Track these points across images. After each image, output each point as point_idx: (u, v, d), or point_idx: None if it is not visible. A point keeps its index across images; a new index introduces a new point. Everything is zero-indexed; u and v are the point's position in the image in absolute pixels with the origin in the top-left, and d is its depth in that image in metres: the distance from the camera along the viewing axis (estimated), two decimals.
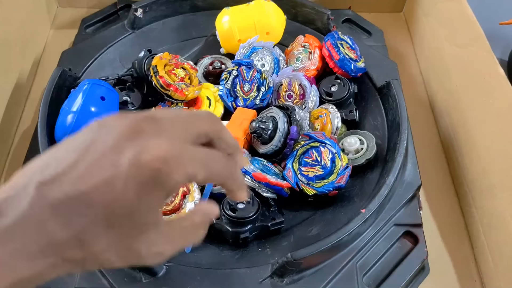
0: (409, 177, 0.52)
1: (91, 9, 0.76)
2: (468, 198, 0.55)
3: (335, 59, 0.58)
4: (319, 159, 0.50)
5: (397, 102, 0.55)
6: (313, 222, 0.50)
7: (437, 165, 0.61)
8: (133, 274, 0.43)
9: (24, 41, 0.68)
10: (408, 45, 0.75)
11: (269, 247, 0.47)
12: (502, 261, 0.47)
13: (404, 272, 0.46)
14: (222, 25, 0.62)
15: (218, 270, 0.44)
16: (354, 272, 0.45)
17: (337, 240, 0.44)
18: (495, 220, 0.49)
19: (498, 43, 0.66)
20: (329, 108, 0.55)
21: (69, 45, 0.69)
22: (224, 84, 0.57)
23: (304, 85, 0.57)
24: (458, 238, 0.54)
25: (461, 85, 0.59)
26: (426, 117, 0.66)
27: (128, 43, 0.66)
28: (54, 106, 0.53)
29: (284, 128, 0.51)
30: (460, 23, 0.62)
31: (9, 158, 0.60)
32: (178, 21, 0.69)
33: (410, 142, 0.54)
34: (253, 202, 0.47)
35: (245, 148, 0.53)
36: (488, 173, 0.51)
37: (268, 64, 0.61)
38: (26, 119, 0.64)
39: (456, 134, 0.59)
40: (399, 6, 0.80)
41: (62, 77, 0.56)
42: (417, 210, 0.50)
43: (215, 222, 0.47)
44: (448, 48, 0.64)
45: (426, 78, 0.70)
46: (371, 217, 0.47)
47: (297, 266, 0.43)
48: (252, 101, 0.57)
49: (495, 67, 0.53)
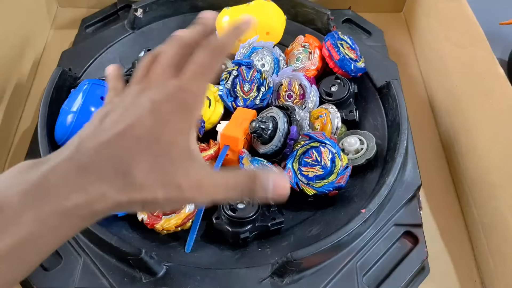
0: (409, 177, 0.52)
1: (91, 9, 0.76)
2: (468, 198, 0.55)
3: (335, 59, 0.58)
4: (319, 159, 0.50)
5: (397, 102, 0.55)
6: (313, 222, 0.50)
7: (437, 165, 0.61)
8: (133, 274, 0.43)
9: (24, 41, 0.68)
10: (408, 45, 0.75)
11: (269, 247, 0.47)
12: (502, 261, 0.47)
13: (404, 272, 0.46)
14: (222, 25, 0.62)
15: (218, 270, 0.44)
16: (354, 272, 0.45)
17: (337, 240, 0.44)
18: (495, 220, 0.49)
19: (498, 43, 0.66)
20: (329, 108, 0.55)
21: (69, 45, 0.69)
22: (224, 84, 0.57)
23: (304, 85, 0.57)
24: (458, 238, 0.54)
25: (461, 85, 0.59)
26: (426, 117, 0.66)
27: (128, 43, 0.66)
28: (54, 106, 0.53)
29: (284, 128, 0.51)
30: (460, 23, 0.62)
31: (9, 158, 0.60)
32: (178, 21, 0.69)
33: (410, 142, 0.54)
34: (253, 202, 0.47)
35: (245, 148, 0.53)
36: (488, 173, 0.51)
37: (268, 64, 0.61)
38: (26, 119, 0.64)
39: (456, 134, 0.59)
40: (399, 6, 0.80)
41: (62, 77, 0.56)
42: (417, 210, 0.50)
43: (215, 222, 0.47)
44: (448, 48, 0.64)
45: (426, 78, 0.70)
46: (371, 217, 0.47)
47: (297, 266, 0.43)
48: (252, 101, 0.57)
49: (495, 67, 0.53)
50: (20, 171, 0.25)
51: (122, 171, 0.25)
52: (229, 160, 0.51)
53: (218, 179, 0.28)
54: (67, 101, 0.52)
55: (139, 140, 0.26)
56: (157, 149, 0.26)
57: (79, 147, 0.26)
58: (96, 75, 0.59)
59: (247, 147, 0.54)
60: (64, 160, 0.25)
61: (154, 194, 0.26)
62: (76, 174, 0.25)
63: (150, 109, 0.27)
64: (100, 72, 0.61)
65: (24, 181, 0.24)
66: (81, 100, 0.50)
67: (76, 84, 0.57)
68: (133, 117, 0.26)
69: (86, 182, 0.25)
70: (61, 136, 0.50)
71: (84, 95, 0.50)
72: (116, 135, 0.26)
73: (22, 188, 0.24)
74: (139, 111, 0.27)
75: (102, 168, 0.25)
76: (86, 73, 0.61)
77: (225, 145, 0.51)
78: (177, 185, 0.26)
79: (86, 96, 0.50)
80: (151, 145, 0.26)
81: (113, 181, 0.25)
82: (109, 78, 0.34)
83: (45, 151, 0.49)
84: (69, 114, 0.50)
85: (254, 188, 0.28)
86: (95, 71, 0.61)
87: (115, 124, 0.26)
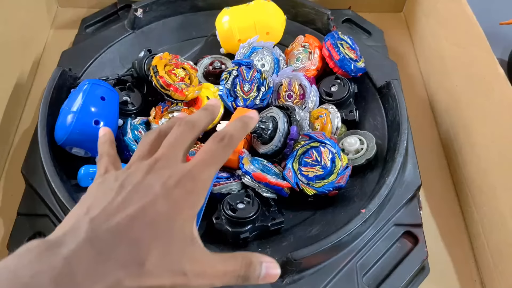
0: (409, 177, 0.52)
1: (91, 9, 0.76)
2: (468, 198, 0.55)
3: (335, 59, 0.58)
4: (319, 159, 0.50)
5: (397, 102, 0.55)
6: (313, 222, 0.50)
7: (437, 165, 0.61)
8: None
9: (24, 41, 0.68)
10: (408, 45, 0.75)
11: (269, 247, 0.47)
12: (502, 261, 0.47)
13: (404, 272, 0.46)
14: (222, 25, 0.62)
15: None
16: (354, 272, 0.45)
17: (337, 240, 0.44)
18: (495, 220, 0.49)
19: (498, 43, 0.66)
20: (329, 108, 0.55)
21: (69, 45, 0.69)
22: (224, 84, 0.57)
23: (304, 85, 0.57)
24: (458, 238, 0.54)
25: (461, 85, 0.59)
26: (426, 117, 0.66)
27: (128, 43, 0.66)
28: (54, 106, 0.53)
29: (284, 128, 0.51)
30: (460, 23, 0.62)
31: (9, 158, 0.60)
32: (178, 21, 0.69)
33: (410, 142, 0.54)
34: (253, 202, 0.47)
35: (245, 148, 0.53)
36: (488, 173, 0.51)
37: (268, 64, 0.61)
38: (26, 119, 0.64)
39: (456, 134, 0.59)
40: (399, 6, 0.80)
41: (62, 77, 0.56)
42: (417, 210, 0.50)
43: (215, 222, 0.47)
44: (448, 48, 0.64)
45: (426, 78, 0.70)
46: (371, 217, 0.47)
47: (297, 266, 0.43)
48: (252, 101, 0.57)
49: (495, 67, 0.53)
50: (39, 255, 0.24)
51: (138, 259, 0.25)
52: (229, 160, 0.51)
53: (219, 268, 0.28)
54: (67, 101, 0.52)
55: (152, 226, 0.26)
56: (169, 237, 0.26)
57: (95, 227, 0.26)
58: (96, 75, 0.59)
59: (247, 147, 0.54)
60: (83, 243, 0.25)
61: (161, 282, 0.26)
62: (97, 261, 0.24)
63: (162, 194, 0.27)
64: (100, 72, 0.61)
65: (50, 267, 0.24)
66: (81, 100, 0.50)
67: (76, 84, 0.57)
68: (145, 199, 0.27)
69: (106, 270, 0.25)
70: (61, 136, 0.50)
71: (84, 95, 0.50)
72: (130, 217, 0.26)
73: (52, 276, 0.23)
74: (151, 194, 0.27)
75: (120, 254, 0.25)
76: (86, 73, 0.61)
77: None
78: (183, 273, 0.27)
79: (86, 96, 0.50)
80: (164, 232, 0.26)
81: (129, 269, 0.25)
82: (101, 142, 0.35)
83: (45, 151, 0.49)
84: (69, 114, 0.49)
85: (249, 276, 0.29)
86: (95, 71, 0.61)
87: (127, 205, 0.27)
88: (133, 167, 0.30)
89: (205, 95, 0.58)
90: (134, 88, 0.58)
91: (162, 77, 0.53)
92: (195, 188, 0.28)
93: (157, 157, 0.30)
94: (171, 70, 0.55)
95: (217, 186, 0.49)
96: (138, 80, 0.58)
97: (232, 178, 0.51)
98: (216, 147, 0.30)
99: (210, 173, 0.29)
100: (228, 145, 0.31)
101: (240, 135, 0.32)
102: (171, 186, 0.28)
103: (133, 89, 0.58)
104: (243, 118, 0.33)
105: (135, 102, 0.57)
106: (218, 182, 0.49)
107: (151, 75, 0.54)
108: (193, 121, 0.33)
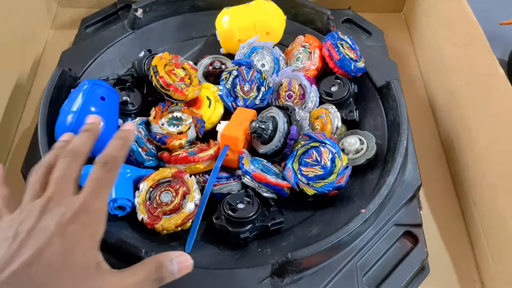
0: (409, 177, 0.52)
1: (91, 9, 0.76)
2: (468, 198, 0.55)
3: (335, 59, 0.58)
4: (319, 159, 0.50)
5: (397, 102, 0.55)
6: (313, 222, 0.50)
7: (437, 165, 0.61)
8: None
9: (24, 41, 0.68)
10: (408, 45, 0.76)
11: (269, 247, 0.47)
12: (502, 261, 0.47)
13: (404, 272, 0.46)
14: (222, 25, 0.62)
15: (218, 270, 0.44)
16: (354, 272, 0.45)
17: (337, 240, 0.44)
18: (495, 220, 0.49)
19: (498, 43, 0.66)
20: (329, 108, 0.55)
21: (69, 45, 0.69)
22: (224, 84, 0.57)
23: (304, 85, 0.57)
24: (458, 238, 0.54)
25: (461, 85, 0.59)
26: (426, 117, 0.66)
27: (128, 43, 0.66)
28: (54, 106, 0.53)
29: (284, 128, 0.51)
30: (460, 23, 0.62)
31: (9, 158, 0.60)
32: (178, 21, 0.69)
33: (410, 142, 0.54)
34: (253, 202, 0.47)
35: (245, 148, 0.53)
36: (488, 173, 0.51)
37: (268, 64, 0.61)
38: (26, 119, 0.64)
39: (456, 134, 0.59)
40: (399, 6, 0.80)
41: (62, 77, 0.56)
42: (417, 210, 0.50)
43: (215, 222, 0.47)
44: (448, 48, 0.64)
45: (426, 78, 0.70)
46: (371, 217, 0.47)
47: (297, 266, 0.43)
48: (252, 101, 0.57)
49: (495, 67, 0.53)
50: None
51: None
52: (229, 160, 0.51)
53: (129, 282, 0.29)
54: (67, 101, 0.52)
55: (50, 267, 0.26)
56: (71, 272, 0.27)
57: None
58: (96, 75, 0.59)
59: (247, 147, 0.54)
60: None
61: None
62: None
63: (57, 233, 0.27)
64: (100, 72, 0.61)
65: None
66: (81, 100, 0.50)
67: (76, 84, 0.57)
68: (40, 242, 0.27)
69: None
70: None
71: (84, 95, 0.50)
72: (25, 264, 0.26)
73: None
74: (46, 235, 0.27)
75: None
76: (86, 73, 0.61)
77: (225, 145, 0.51)
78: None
79: (86, 96, 0.50)
80: (64, 270, 0.27)
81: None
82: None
83: (45, 151, 0.49)
84: (69, 114, 0.49)
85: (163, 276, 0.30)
86: (95, 71, 0.61)
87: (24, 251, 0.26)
88: (27, 211, 0.30)
89: (205, 95, 0.58)
90: (134, 88, 0.58)
91: (162, 77, 0.53)
92: (90, 219, 0.29)
93: (49, 195, 0.30)
94: (171, 70, 0.55)
95: (217, 186, 0.49)
96: (138, 80, 0.58)
97: (232, 178, 0.51)
98: (102, 174, 0.31)
99: (102, 201, 0.30)
100: (113, 167, 0.32)
101: (122, 153, 0.33)
102: (66, 223, 0.28)
103: (133, 89, 0.58)
104: (120, 134, 0.34)
105: (135, 102, 0.57)
106: (218, 182, 0.50)
107: (151, 75, 0.54)
108: (75, 149, 0.33)
